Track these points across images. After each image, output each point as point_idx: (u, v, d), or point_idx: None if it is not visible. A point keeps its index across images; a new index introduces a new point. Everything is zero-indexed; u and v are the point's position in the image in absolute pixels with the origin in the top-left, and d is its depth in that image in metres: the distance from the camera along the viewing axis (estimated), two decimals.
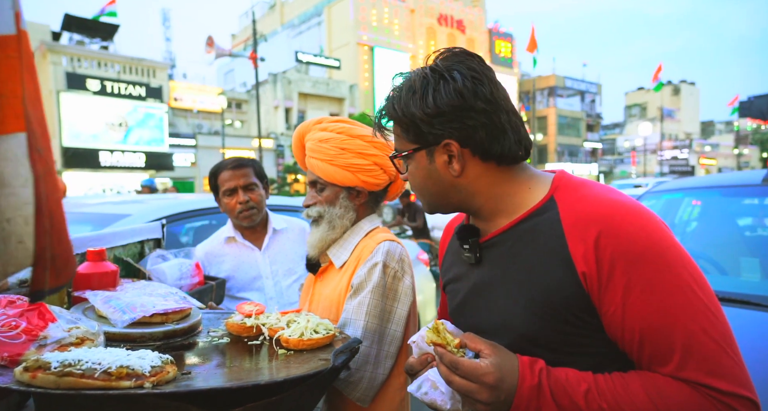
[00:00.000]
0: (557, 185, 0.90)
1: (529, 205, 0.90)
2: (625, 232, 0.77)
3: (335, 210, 1.42)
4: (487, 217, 0.94)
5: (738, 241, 2.48)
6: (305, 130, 1.49)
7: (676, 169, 41.77)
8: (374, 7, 35.10)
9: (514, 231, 0.90)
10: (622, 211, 0.80)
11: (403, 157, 0.96)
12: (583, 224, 0.80)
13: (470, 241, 0.95)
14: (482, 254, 0.95)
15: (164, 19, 43.58)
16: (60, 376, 0.71)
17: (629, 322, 0.76)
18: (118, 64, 23.96)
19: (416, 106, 0.88)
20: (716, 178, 2.97)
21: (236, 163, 2.10)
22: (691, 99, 59.15)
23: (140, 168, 24.12)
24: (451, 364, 0.79)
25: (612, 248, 0.77)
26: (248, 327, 1.24)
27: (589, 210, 0.82)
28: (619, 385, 0.76)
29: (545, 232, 0.85)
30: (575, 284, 0.79)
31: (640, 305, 0.75)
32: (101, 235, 1.70)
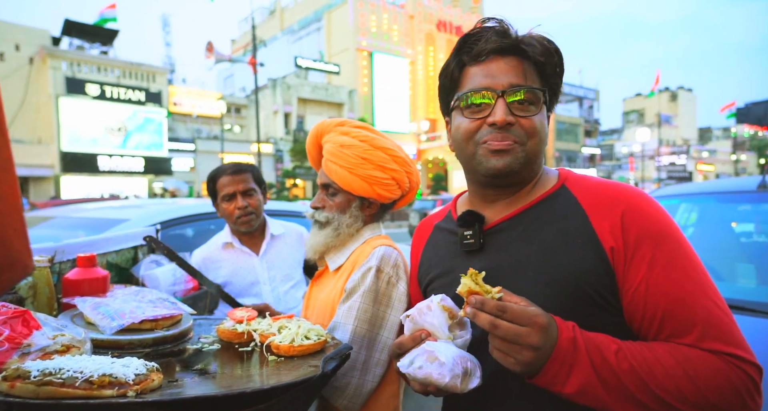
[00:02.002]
0: (565, 177, 0.95)
1: (541, 192, 0.93)
2: (646, 211, 0.83)
3: (344, 218, 1.39)
4: (509, 201, 0.96)
5: (734, 247, 2.47)
6: (324, 129, 1.43)
7: (673, 175, 41.91)
8: (373, 12, 35.28)
9: (528, 215, 0.92)
10: (639, 194, 0.86)
11: (538, 98, 0.91)
12: (605, 204, 0.85)
13: (477, 226, 0.95)
14: (484, 241, 0.95)
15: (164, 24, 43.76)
16: (39, 385, 0.70)
17: (653, 297, 0.79)
18: (117, 68, 24.02)
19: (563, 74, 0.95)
20: (712, 184, 2.97)
21: (235, 168, 2.09)
22: (688, 105, 59.41)
23: (139, 172, 24.12)
24: (498, 308, 0.75)
25: (637, 225, 0.81)
26: (239, 333, 1.23)
27: (608, 192, 0.87)
28: (646, 349, 0.77)
29: (563, 213, 0.88)
30: (602, 261, 0.82)
31: (663, 280, 0.79)
32: (94, 240, 1.69)
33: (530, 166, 0.92)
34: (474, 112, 0.92)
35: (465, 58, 0.94)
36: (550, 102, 0.95)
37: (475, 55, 0.92)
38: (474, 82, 0.92)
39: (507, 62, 0.91)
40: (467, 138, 0.94)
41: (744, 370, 0.77)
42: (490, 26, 0.93)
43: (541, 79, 0.92)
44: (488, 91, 0.90)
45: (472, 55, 0.93)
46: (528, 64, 0.91)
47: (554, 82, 0.94)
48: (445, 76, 0.99)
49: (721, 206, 2.63)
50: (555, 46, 0.92)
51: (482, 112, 0.91)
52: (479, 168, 0.94)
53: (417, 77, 37.17)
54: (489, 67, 0.91)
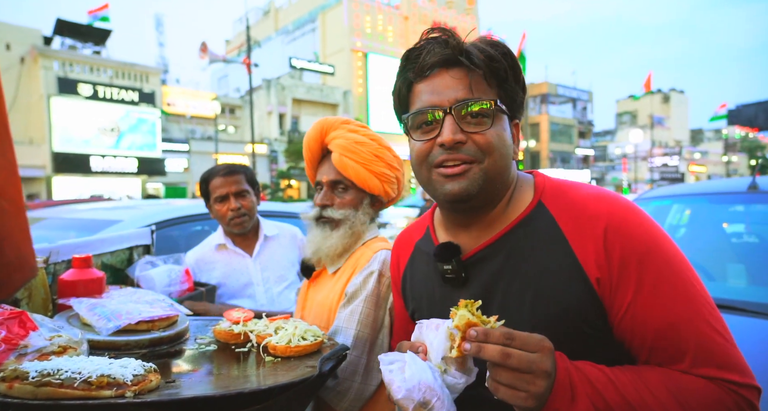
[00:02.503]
0: (542, 189, 0.87)
1: (518, 211, 0.86)
2: (629, 229, 0.77)
3: (359, 215, 1.36)
4: (482, 224, 0.89)
5: (725, 248, 2.50)
6: (331, 126, 1.40)
7: (666, 176, 42.24)
8: (368, 13, 35.31)
9: (506, 241, 0.85)
10: (620, 208, 0.80)
11: (495, 110, 0.84)
12: (585, 225, 0.79)
13: (455, 260, 0.88)
14: (467, 273, 0.89)
15: (157, 24, 43.53)
16: (38, 386, 0.70)
17: (640, 321, 0.75)
18: (110, 68, 23.84)
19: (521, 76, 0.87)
20: (704, 185, 3.00)
21: (228, 169, 2.08)
22: (680, 107, 59.93)
23: (132, 173, 23.96)
24: (506, 336, 0.70)
25: (620, 246, 0.76)
26: (236, 334, 1.23)
27: (587, 211, 0.80)
28: (637, 378, 0.74)
29: (544, 240, 0.81)
30: (588, 292, 0.77)
31: (651, 304, 0.75)
32: (89, 241, 1.68)
33: (492, 185, 0.85)
34: (424, 133, 0.87)
35: (410, 75, 0.89)
36: (511, 109, 0.88)
37: (419, 71, 0.87)
38: (421, 100, 0.87)
39: (452, 75, 0.85)
40: (420, 161, 0.88)
41: (741, 394, 0.73)
42: (433, 38, 0.87)
43: (493, 87, 0.85)
44: (435, 110, 0.84)
45: (417, 71, 0.87)
46: (475, 75, 0.84)
47: (509, 88, 0.86)
48: (395, 96, 0.94)
49: (713, 207, 2.67)
50: (503, 48, 0.86)
51: (432, 132, 0.86)
52: (437, 194, 0.88)
53: None
54: (434, 82, 0.86)
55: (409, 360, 0.76)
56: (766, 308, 1.83)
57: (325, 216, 1.37)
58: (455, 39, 0.85)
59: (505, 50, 0.85)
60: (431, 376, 0.75)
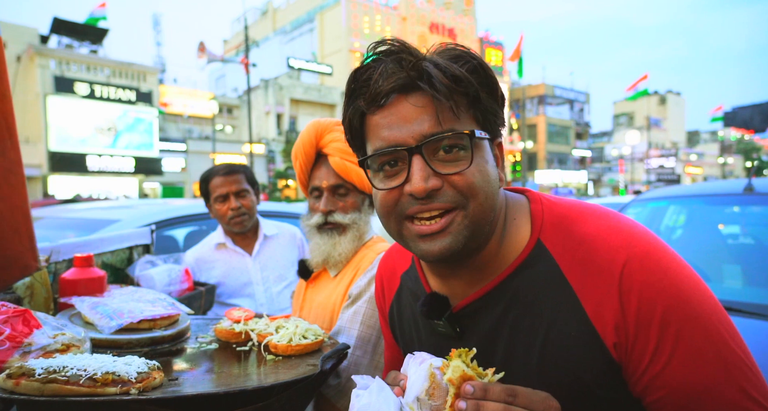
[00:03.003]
0: (540, 223, 0.72)
1: (516, 252, 0.72)
2: (649, 283, 0.64)
3: (364, 217, 1.36)
4: (473, 269, 0.74)
5: (721, 249, 2.53)
6: (325, 128, 1.36)
7: (662, 177, 42.45)
8: (366, 14, 35.34)
9: (502, 290, 0.72)
10: (638, 253, 0.66)
11: (473, 140, 0.68)
12: (595, 277, 0.66)
13: (445, 317, 0.76)
14: (462, 325, 0.77)
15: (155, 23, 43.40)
16: (44, 383, 0.71)
17: (659, 387, 0.65)
18: (107, 68, 23.79)
19: (497, 85, 0.70)
20: (700, 186, 3.03)
21: (228, 169, 2.10)
22: (677, 108, 60.24)
23: (129, 173, 23.90)
24: (508, 392, 0.61)
25: (636, 302, 0.64)
26: (237, 333, 1.23)
27: (598, 257, 0.66)
28: None
29: (547, 291, 0.69)
30: (605, 360, 0.66)
31: (673, 370, 0.63)
32: (89, 240, 1.68)
33: (480, 231, 0.70)
34: (387, 177, 0.71)
35: (361, 103, 0.71)
36: (492, 130, 0.72)
37: (371, 100, 0.69)
38: (379, 136, 0.70)
39: (413, 103, 0.67)
40: (387, 212, 0.72)
41: None
42: (383, 52, 0.70)
43: (465, 111, 0.69)
44: (398, 150, 0.68)
45: (369, 100, 0.70)
46: (441, 100, 0.66)
47: (485, 107, 0.70)
48: (346, 128, 0.76)
49: (709, 208, 2.69)
50: (470, 60, 0.69)
51: (397, 176, 0.70)
52: (412, 251, 0.73)
53: None
54: (392, 113, 0.69)
55: (374, 389, 0.67)
56: (763, 309, 1.85)
57: (331, 222, 1.34)
58: (410, 54, 0.68)
59: (474, 62, 0.69)
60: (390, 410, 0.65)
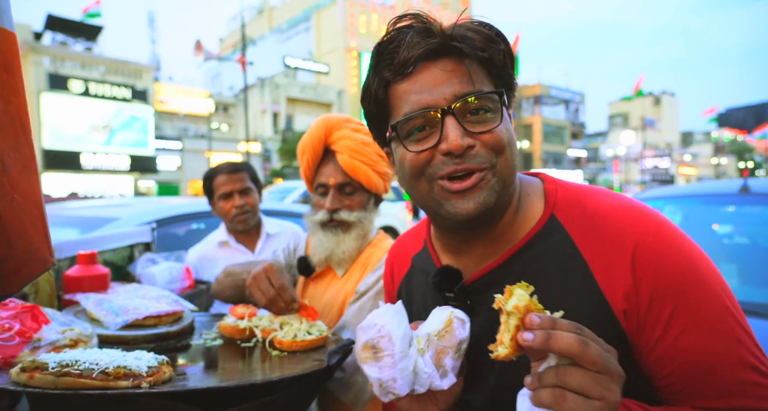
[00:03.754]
0: (554, 200, 0.75)
1: (528, 225, 0.74)
2: (662, 256, 0.66)
3: (369, 216, 1.36)
4: (487, 239, 0.76)
5: (716, 249, 2.56)
6: (334, 125, 1.36)
7: (657, 177, 42.73)
8: (363, 13, 35.33)
9: (514, 264, 0.73)
10: (652, 228, 0.68)
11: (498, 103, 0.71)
12: (609, 249, 0.67)
13: (456, 289, 0.76)
14: (473, 300, 0.77)
15: (150, 21, 43.17)
16: (58, 376, 0.72)
17: (671, 361, 0.66)
18: (102, 65, 23.66)
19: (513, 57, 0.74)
20: (696, 187, 3.06)
21: (232, 167, 2.11)
22: (671, 109, 60.66)
23: (124, 171, 23.78)
24: (575, 325, 0.58)
25: (651, 276, 0.65)
26: (241, 329, 1.24)
27: (611, 230, 0.68)
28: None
29: (560, 264, 0.70)
30: (613, 328, 0.67)
31: (683, 344, 0.65)
32: (91, 238, 1.69)
33: (507, 190, 0.72)
34: (418, 142, 0.72)
35: (387, 73, 0.73)
36: (509, 96, 0.75)
37: (399, 68, 0.71)
38: (409, 102, 0.71)
39: (442, 68, 0.70)
40: (417, 174, 0.73)
41: None
42: (406, 26, 0.72)
43: (492, 77, 0.72)
44: (430, 111, 0.70)
45: (396, 69, 0.72)
46: (471, 63, 0.70)
47: (507, 75, 0.73)
48: (369, 100, 0.77)
49: (705, 208, 2.72)
50: (495, 29, 0.72)
51: (429, 139, 0.71)
52: (442, 212, 0.73)
53: None
54: (420, 79, 0.71)
55: (391, 310, 0.67)
56: (759, 308, 1.88)
57: (336, 219, 1.34)
58: (438, 24, 0.72)
59: (498, 31, 0.72)
60: (398, 330, 0.66)
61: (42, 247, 0.71)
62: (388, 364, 0.65)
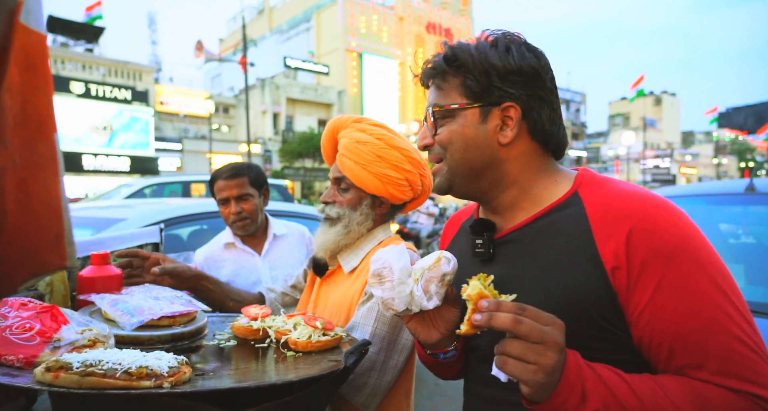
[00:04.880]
0: (581, 181, 0.86)
1: (552, 200, 0.86)
2: (658, 228, 0.74)
3: (355, 215, 1.38)
4: (504, 209, 0.91)
5: (722, 249, 2.55)
6: (341, 125, 1.42)
7: (658, 177, 42.66)
8: (363, 13, 35.36)
9: (534, 226, 0.86)
10: (655, 206, 0.77)
11: (447, 111, 0.88)
12: (613, 219, 0.77)
13: (485, 235, 0.90)
14: (495, 251, 0.91)
15: (150, 22, 43.21)
16: (83, 376, 0.72)
17: (659, 324, 0.72)
18: (103, 66, 23.71)
19: (498, 57, 0.83)
20: (701, 186, 3.06)
21: (231, 172, 2.07)
22: (672, 109, 60.66)
23: (125, 172, 23.79)
24: (518, 306, 0.69)
25: (645, 245, 0.73)
26: (254, 330, 1.24)
27: (619, 205, 0.78)
28: (656, 386, 0.71)
29: (569, 227, 0.81)
30: (602, 282, 0.75)
31: (672, 306, 0.71)
32: (100, 239, 1.69)
33: (463, 177, 0.90)
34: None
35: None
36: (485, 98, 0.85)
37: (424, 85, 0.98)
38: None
39: (432, 85, 0.93)
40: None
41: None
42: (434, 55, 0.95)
43: (457, 87, 0.87)
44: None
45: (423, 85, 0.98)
46: (443, 82, 0.90)
47: (474, 83, 0.85)
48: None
49: (710, 208, 2.72)
50: (461, 47, 0.87)
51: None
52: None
53: (406, 79, 37.33)
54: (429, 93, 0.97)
55: (395, 249, 0.89)
56: (766, 308, 1.88)
57: (324, 212, 1.42)
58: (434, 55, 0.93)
59: (455, 49, 0.87)
60: (398, 263, 0.86)
61: (44, 250, 0.69)
62: (388, 288, 0.85)
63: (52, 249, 0.72)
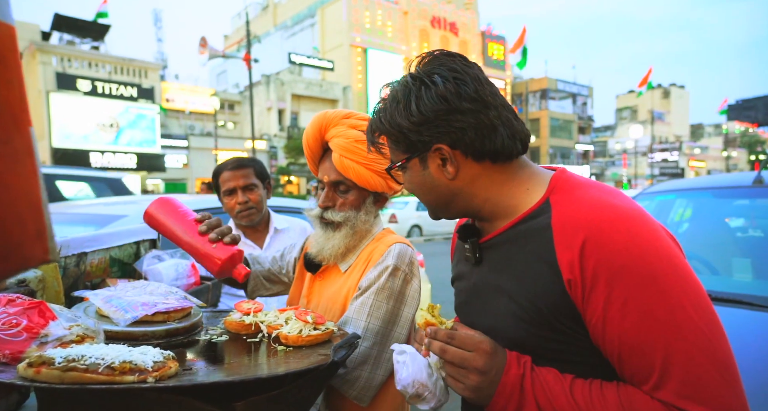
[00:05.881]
0: (554, 186, 0.86)
1: (525, 208, 0.87)
2: (611, 240, 0.73)
3: (360, 215, 1.35)
4: (487, 218, 0.94)
5: (730, 242, 2.52)
6: (329, 122, 1.35)
7: (666, 171, 42.22)
8: (367, 8, 35.19)
9: (509, 234, 0.89)
10: (613, 217, 0.76)
11: (398, 167, 0.95)
12: (570, 230, 0.78)
13: (470, 241, 0.95)
14: (482, 255, 0.95)
15: (156, 19, 43.37)
16: (64, 371, 0.72)
17: (609, 336, 0.74)
18: (109, 64, 23.78)
19: (401, 116, 0.87)
20: (708, 179, 3.01)
21: (237, 163, 2.11)
22: (680, 102, 59.92)
23: (132, 169, 23.94)
24: (448, 336, 0.82)
25: (596, 257, 0.74)
26: (247, 325, 1.24)
27: (578, 215, 0.78)
28: (595, 393, 0.76)
29: (535, 236, 0.83)
30: (561, 291, 0.78)
31: (619, 320, 0.73)
32: (98, 235, 1.69)
33: (441, 210, 0.96)
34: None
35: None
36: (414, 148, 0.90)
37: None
38: None
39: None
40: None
41: None
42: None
43: (394, 145, 0.94)
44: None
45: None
46: (389, 141, 0.96)
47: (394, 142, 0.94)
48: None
49: (717, 201, 2.68)
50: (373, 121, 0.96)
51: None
52: None
53: None
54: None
55: (410, 359, 0.89)
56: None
57: (326, 218, 1.35)
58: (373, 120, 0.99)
59: (372, 123, 0.96)
60: (426, 373, 0.87)
61: (26, 244, 0.68)
62: (432, 398, 0.88)
63: (35, 244, 0.70)
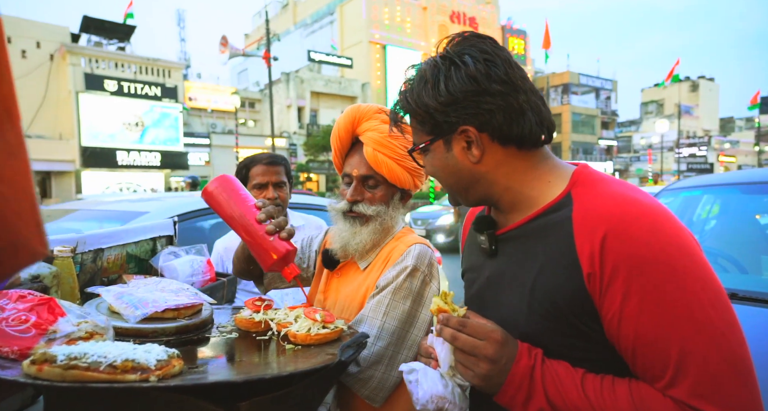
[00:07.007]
0: (576, 180, 0.85)
1: (546, 201, 0.86)
2: (632, 235, 0.73)
3: (390, 211, 1.34)
4: (505, 209, 0.92)
5: (759, 239, 2.41)
6: (363, 115, 1.35)
7: (693, 166, 40.88)
8: (386, 5, 35.06)
9: (528, 227, 0.88)
10: (635, 212, 0.75)
11: (421, 149, 0.94)
12: (591, 224, 0.77)
13: (486, 232, 0.94)
14: (498, 247, 0.94)
15: (179, 19, 44.13)
16: (65, 369, 0.72)
17: (625, 330, 0.74)
18: (134, 64, 24.32)
19: (429, 95, 0.86)
20: (736, 175, 2.89)
21: (271, 159, 2.11)
22: (710, 95, 57.88)
23: (156, 167, 24.49)
24: (460, 323, 0.81)
25: (616, 252, 0.73)
26: (257, 322, 1.24)
27: (600, 209, 0.77)
28: (606, 388, 0.75)
29: (556, 230, 0.82)
30: (579, 285, 0.77)
31: (636, 314, 0.72)
32: (115, 231, 1.72)
33: (461, 195, 0.95)
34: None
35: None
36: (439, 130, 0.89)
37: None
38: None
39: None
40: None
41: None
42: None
43: (419, 126, 0.93)
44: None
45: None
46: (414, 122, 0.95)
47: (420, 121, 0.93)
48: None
49: (745, 197, 2.57)
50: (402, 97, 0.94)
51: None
52: None
53: None
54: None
55: (421, 375, 0.88)
56: None
57: (355, 211, 1.34)
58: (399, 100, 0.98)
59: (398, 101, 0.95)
60: (441, 385, 0.86)
61: (32, 240, 0.69)
62: (451, 408, 0.86)
63: (37, 238, 0.71)
